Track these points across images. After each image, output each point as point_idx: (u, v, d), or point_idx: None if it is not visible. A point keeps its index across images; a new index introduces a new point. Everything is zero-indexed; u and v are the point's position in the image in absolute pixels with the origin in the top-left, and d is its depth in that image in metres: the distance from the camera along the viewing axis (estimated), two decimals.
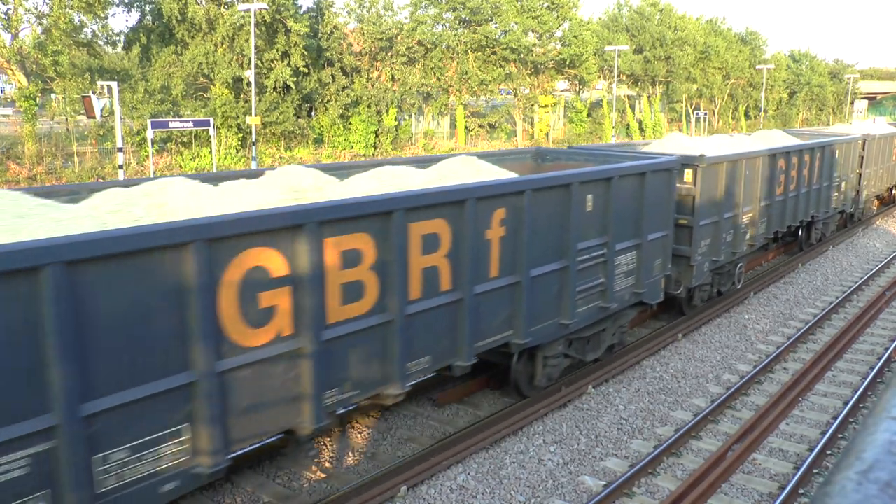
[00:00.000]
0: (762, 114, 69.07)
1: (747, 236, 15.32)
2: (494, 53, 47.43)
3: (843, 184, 21.14)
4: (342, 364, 6.93)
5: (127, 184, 7.50)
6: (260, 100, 35.13)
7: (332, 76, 40.07)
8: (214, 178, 8.25)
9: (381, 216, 7.05)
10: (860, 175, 22.78)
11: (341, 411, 8.24)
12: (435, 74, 45.41)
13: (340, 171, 9.42)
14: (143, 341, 5.45)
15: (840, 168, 20.52)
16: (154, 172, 29.60)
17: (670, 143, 15.62)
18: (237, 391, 6.08)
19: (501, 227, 8.45)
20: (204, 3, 35.37)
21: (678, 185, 12.31)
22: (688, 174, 12.87)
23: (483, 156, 11.22)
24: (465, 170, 9.56)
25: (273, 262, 6.18)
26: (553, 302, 9.51)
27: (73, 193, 7.28)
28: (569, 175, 9.40)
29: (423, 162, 10.38)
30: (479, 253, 8.17)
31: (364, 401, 7.69)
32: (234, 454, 6.62)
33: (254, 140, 32.75)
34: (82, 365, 5.11)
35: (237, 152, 35.80)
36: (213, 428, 5.86)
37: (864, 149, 22.61)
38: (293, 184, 7.88)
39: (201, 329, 5.68)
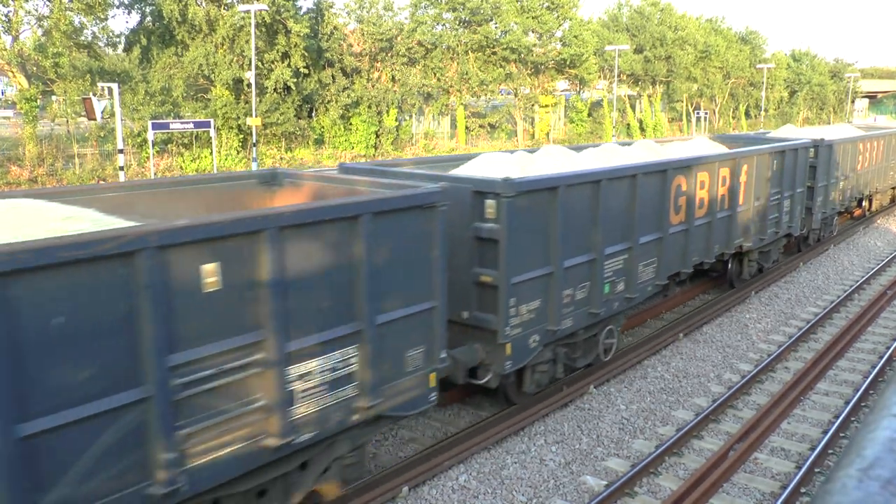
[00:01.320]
0: (763, 113, 69.05)
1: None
2: (494, 53, 47.45)
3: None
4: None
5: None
6: (260, 101, 35.16)
7: (333, 77, 40.09)
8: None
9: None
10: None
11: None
12: (435, 75, 45.43)
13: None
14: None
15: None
16: (154, 174, 29.63)
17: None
18: None
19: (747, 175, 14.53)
20: (204, 4, 35.40)
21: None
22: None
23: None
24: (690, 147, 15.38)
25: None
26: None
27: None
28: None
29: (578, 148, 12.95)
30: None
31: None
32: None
33: (254, 141, 32.79)
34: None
35: (238, 153, 35.83)
36: None
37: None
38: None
39: None
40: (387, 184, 7.96)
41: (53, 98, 32.63)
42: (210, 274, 5.58)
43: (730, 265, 15.61)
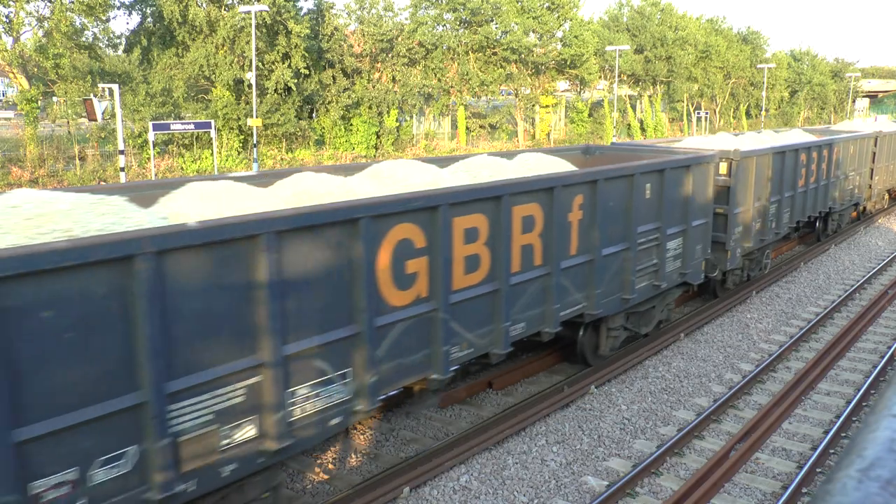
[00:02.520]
0: (763, 113, 69.03)
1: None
2: (495, 54, 47.44)
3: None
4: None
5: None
6: (261, 101, 35.16)
7: (333, 77, 40.09)
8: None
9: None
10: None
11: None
12: (436, 75, 45.42)
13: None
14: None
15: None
16: (155, 175, 29.65)
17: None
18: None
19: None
20: (205, 5, 35.41)
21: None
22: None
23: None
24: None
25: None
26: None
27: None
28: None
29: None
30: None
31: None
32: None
33: (255, 142, 32.79)
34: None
35: (238, 154, 35.84)
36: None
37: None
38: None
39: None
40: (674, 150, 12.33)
41: (54, 99, 32.66)
42: None
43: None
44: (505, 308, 8.69)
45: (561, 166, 11.16)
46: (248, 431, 6.23)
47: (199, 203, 6.96)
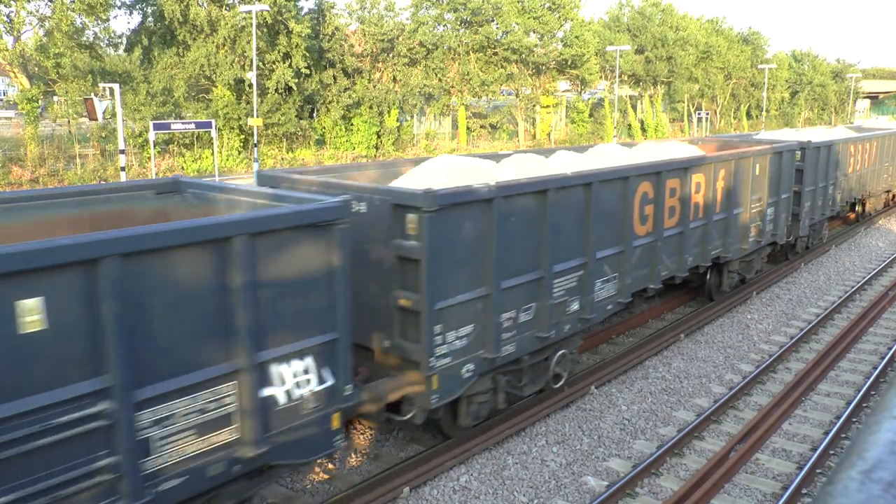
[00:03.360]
0: (764, 113, 69.01)
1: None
2: (496, 54, 47.43)
3: None
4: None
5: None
6: (262, 101, 35.16)
7: (334, 77, 40.10)
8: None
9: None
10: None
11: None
12: (436, 75, 45.42)
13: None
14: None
15: None
16: (156, 174, 29.66)
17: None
18: None
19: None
20: (205, 4, 35.41)
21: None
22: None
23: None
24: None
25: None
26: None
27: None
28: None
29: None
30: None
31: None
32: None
33: (255, 141, 32.79)
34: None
35: (239, 154, 35.85)
36: None
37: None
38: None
39: None
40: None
41: (55, 98, 32.65)
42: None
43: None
44: (685, 244, 12.50)
45: (691, 150, 14.76)
46: (573, 306, 9.83)
47: (519, 170, 10.20)
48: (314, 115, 41.32)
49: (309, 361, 6.48)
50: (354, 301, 6.95)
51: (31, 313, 4.78)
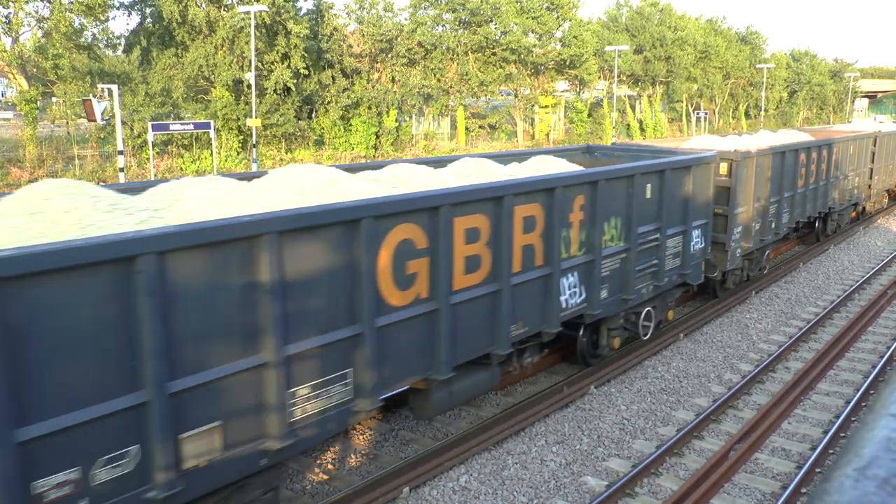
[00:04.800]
0: (762, 113, 69.04)
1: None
2: (494, 54, 47.43)
3: None
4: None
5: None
6: (260, 102, 35.15)
7: (333, 78, 40.09)
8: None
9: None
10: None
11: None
12: (435, 76, 45.42)
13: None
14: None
15: None
16: (155, 175, 29.65)
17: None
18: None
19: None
20: (204, 5, 35.40)
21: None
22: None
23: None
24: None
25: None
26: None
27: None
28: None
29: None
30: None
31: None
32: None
33: (254, 142, 32.78)
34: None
35: (238, 154, 35.82)
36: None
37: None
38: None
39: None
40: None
41: (53, 100, 32.63)
42: None
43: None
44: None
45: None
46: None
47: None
48: (313, 115, 41.31)
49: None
50: None
51: None
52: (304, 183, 7.54)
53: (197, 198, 6.85)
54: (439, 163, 10.56)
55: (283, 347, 6.18)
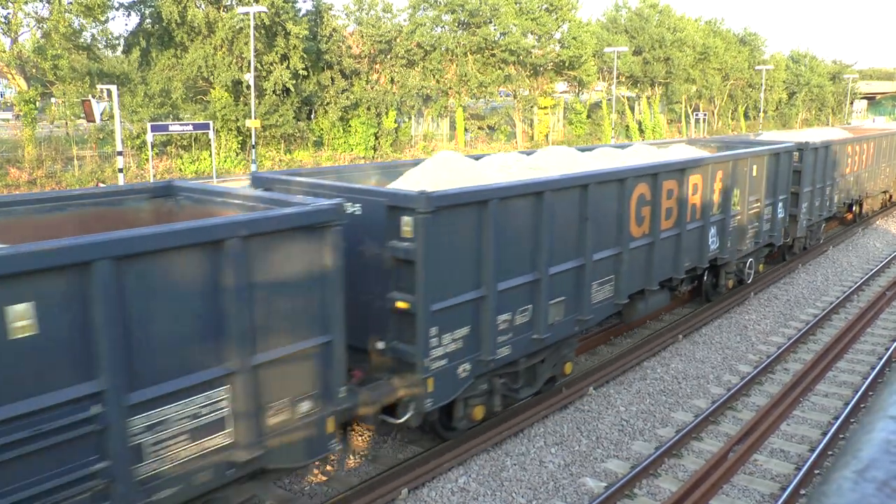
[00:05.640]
0: (761, 114, 69.09)
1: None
2: (493, 55, 47.45)
3: None
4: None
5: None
6: (259, 103, 35.15)
7: (332, 79, 40.09)
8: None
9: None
10: None
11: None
12: (434, 76, 45.43)
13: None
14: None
15: None
16: (154, 176, 29.64)
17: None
18: None
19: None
20: (203, 6, 35.40)
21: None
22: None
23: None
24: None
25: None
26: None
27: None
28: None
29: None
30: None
31: None
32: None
33: (253, 143, 32.78)
34: None
35: (237, 155, 35.81)
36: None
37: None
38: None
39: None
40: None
41: (53, 100, 32.63)
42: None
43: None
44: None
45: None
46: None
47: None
48: (312, 116, 41.31)
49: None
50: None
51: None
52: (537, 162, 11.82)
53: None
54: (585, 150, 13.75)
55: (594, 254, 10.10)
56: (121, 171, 25.18)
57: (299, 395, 6.50)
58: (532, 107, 52.46)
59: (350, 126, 41.05)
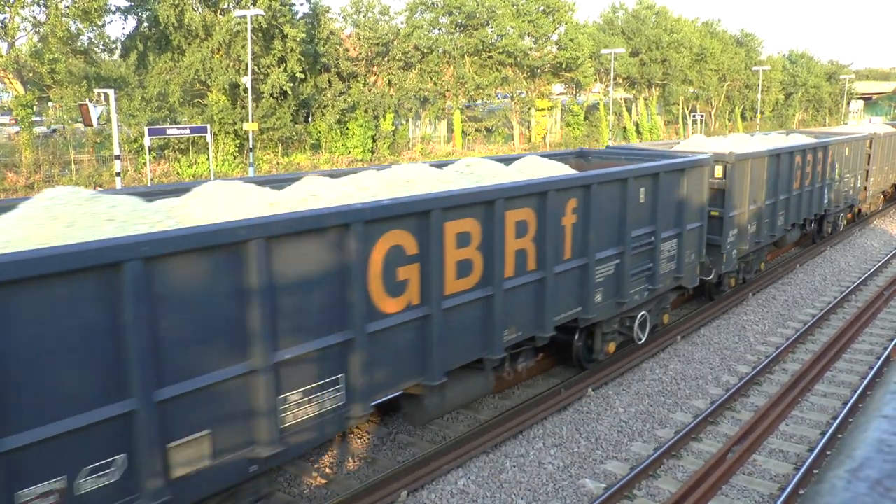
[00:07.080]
0: (759, 115, 69.18)
1: None
2: (491, 57, 47.49)
3: None
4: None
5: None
6: (257, 106, 35.15)
7: (329, 81, 40.10)
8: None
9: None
10: None
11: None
12: (431, 79, 45.45)
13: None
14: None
15: None
16: (151, 180, 29.62)
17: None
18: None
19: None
20: (200, 9, 35.41)
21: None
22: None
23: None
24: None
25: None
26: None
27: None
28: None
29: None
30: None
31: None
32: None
33: (251, 146, 32.78)
34: None
35: (234, 159, 35.80)
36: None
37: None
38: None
39: None
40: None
41: (50, 104, 32.60)
42: None
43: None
44: None
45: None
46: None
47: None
48: (309, 119, 41.32)
49: None
50: None
51: None
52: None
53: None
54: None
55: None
56: (118, 174, 25.16)
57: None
58: (529, 109, 52.50)
59: (348, 129, 41.06)
